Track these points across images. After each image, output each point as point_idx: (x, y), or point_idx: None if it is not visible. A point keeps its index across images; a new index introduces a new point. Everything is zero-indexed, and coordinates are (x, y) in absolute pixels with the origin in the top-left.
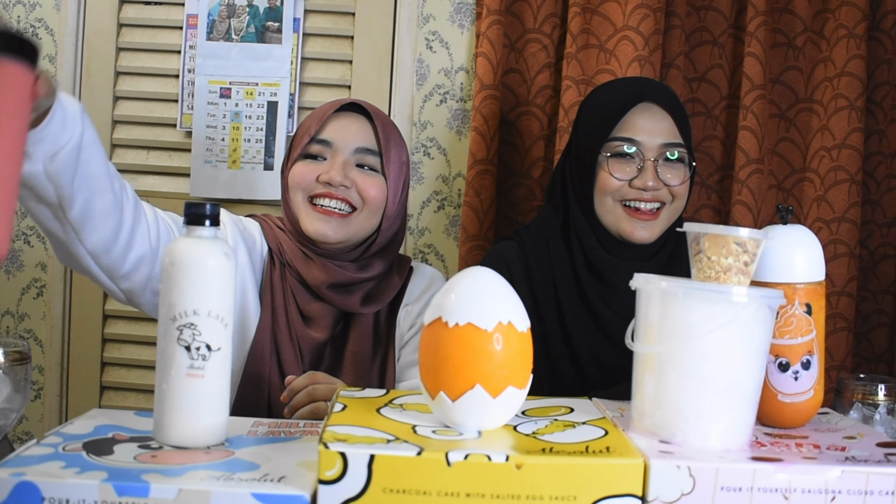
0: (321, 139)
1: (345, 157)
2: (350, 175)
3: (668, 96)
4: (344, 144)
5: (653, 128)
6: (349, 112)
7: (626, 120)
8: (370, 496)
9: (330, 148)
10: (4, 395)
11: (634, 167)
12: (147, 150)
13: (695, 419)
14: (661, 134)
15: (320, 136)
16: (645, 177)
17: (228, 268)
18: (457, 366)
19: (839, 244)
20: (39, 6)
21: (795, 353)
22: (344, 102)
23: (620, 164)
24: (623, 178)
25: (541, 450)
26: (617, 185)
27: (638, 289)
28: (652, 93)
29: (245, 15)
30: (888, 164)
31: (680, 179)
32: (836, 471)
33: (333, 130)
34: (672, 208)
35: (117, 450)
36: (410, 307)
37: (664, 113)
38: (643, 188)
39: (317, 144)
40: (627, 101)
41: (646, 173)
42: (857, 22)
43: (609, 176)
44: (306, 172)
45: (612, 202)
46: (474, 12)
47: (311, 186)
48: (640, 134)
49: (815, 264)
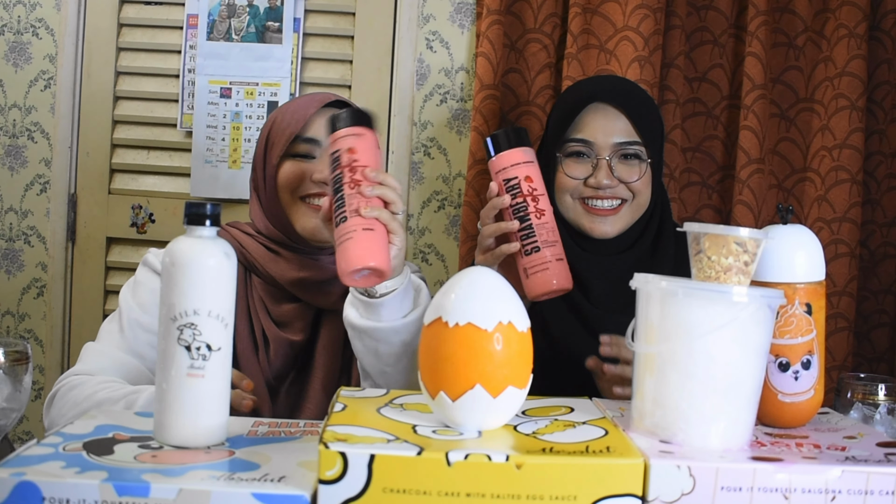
0: (308, 138)
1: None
2: None
3: (623, 95)
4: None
5: (606, 127)
6: (332, 109)
7: (579, 120)
8: (370, 496)
9: (318, 146)
10: (4, 395)
11: (589, 166)
12: (147, 150)
13: (695, 419)
14: (615, 133)
15: (307, 134)
16: (599, 175)
17: (228, 268)
18: (457, 366)
19: (840, 244)
20: (39, 6)
21: (796, 353)
22: (328, 100)
23: (575, 163)
24: (577, 177)
25: (541, 450)
26: (573, 184)
27: (638, 289)
28: (604, 93)
29: (245, 15)
30: (889, 164)
31: (637, 175)
32: (836, 471)
33: (319, 128)
34: (635, 204)
35: (117, 450)
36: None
37: (617, 112)
38: (597, 186)
39: (304, 143)
40: (578, 102)
41: (599, 171)
42: (858, 22)
43: (564, 175)
44: (298, 172)
45: (572, 200)
46: (474, 12)
47: (305, 186)
48: (592, 133)
49: (815, 264)
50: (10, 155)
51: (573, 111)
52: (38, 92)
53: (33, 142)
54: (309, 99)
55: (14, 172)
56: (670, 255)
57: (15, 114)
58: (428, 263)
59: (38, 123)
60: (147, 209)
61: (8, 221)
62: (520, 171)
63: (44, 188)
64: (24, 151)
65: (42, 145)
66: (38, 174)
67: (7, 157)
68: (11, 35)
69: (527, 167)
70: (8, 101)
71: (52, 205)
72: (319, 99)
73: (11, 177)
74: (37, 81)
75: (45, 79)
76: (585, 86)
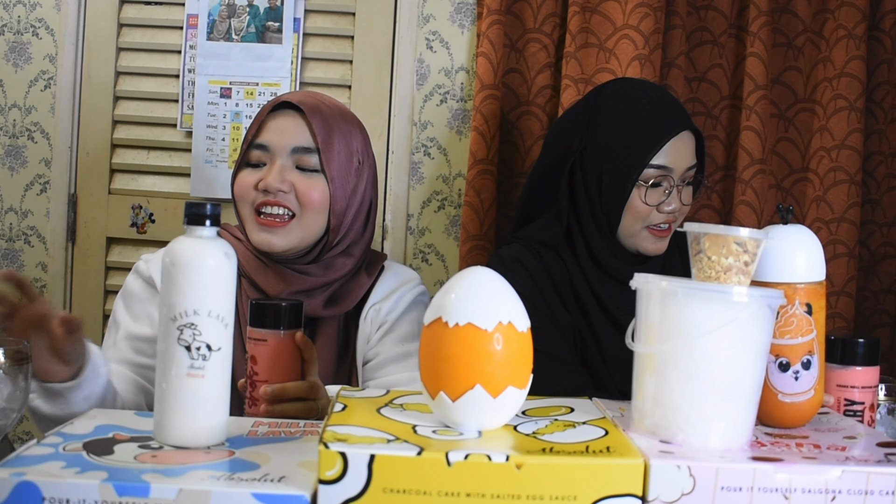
0: (258, 143)
1: (282, 160)
2: (288, 178)
3: (689, 117)
4: (280, 147)
5: (685, 153)
6: (285, 111)
7: (668, 147)
8: (370, 496)
9: (268, 152)
10: (4, 395)
11: (663, 192)
12: (147, 150)
13: (695, 419)
14: (688, 158)
15: (258, 140)
16: (672, 201)
17: (228, 268)
18: (457, 366)
19: (839, 244)
20: (39, 6)
21: (796, 353)
22: (277, 101)
23: (656, 192)
24: (653, 204)
25: (541, 450)
26: (648, 211)
27: (638, 289)
28: (685, 117)
29: (245, 15)
30: (888, 164)
31: (690, 198)
32: (836, 471)
33: (269, 133)
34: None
35: (117, 450)
36: (379, 305)
37: (692, 137)
38: (670, 212)
39: (255, 150)
40: (668, 131)
41: (673, 198)
42: (857, 22)
43: (642, 203)
44: (247, 182)
45: (640, 227)
46: (474, 12)
47: (254, 196)
48: (673, 161)
49: (815, 264)
50: (10, 155)
51: (661, 138)
52: (38, 92)
53: (33, 142)
54: (268, 104)
55: (14, 172)
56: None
57: (15, 114)
58: (428, 263)
59: (38, 123)
60: (147, 209)
61: (8, 221)
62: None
63: (44, 188)
64: (24, 151)
65: (42, 145)
66: (38, 174)
67: (7, 157)
68: (11, 35)
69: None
70: (8, 101)
71: (52, 205)
72: (274, 101)
73: (11, 177)
74: (37, 81)
75: (45, 79)
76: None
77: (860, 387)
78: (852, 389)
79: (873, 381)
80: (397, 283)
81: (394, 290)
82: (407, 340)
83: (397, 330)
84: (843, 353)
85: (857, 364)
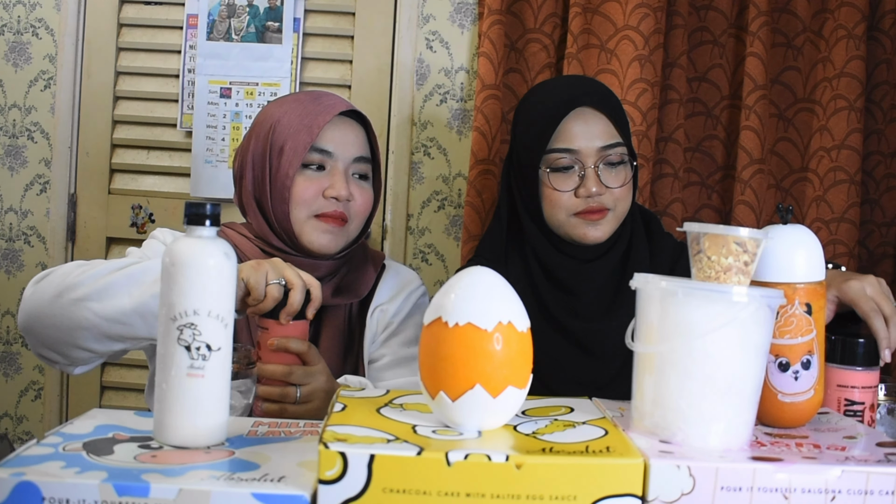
0: (321, 148)
1: (344, 167)
2: (350, 188)
3: (601, 95)
4: (344, 155)
5: (589, 132)
6: (345, 118)
7: (562, 128)
8: (370, 496)
9: (330, 158)
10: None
11: (576, 176)
12: (147, 150)
13: (695, 419)
14: (598, 137)
15: (319, 144)
16: (588, 185)
17: (228, 268)
18: (457, 366)
19: (838, 244)
20: (39, 6)
21: (795, 353)
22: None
23: (562, 177)
24: (566, 190)
25: (541, 450)
26: (564, 200)
27: (638, 289)
28: (584, 96)
29: (245, 15)
30: (887, 164)
31: (621, 181)
32: (836, 471)
33: (332, 139)
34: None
35: (117, 450)
36: (385, 307)
37: (599, 114)
38: (588, 196)
39: (317, 154)
40: (560, 108)
41: (588, 181)
42: (857, 22)
43: (553, 191)
44: (311, 188)
45: (565, 216)
46: (474, 12)
47: (321, 203)
48: (577, 141)
49: (815, 264)
50: (10, 155)
51: (554, 119)
52: (38, 92)
53: (33, 142)
54: (314, 104)
55: (14, 172)
56: (645, 256)
57: (15, 114)
58: (428, 263)
59: (38, 123)
60: (147, 209)
61: (8, 221)
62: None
63: (44, 188)
64: (24, 151)
65: (42, 145)
66: (37, 174)
67: (7, 157)
68: (11, 35)
69: None
70: (8, 101)
71: (52, 205)
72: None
73: (11, 177)
74: (37, 81)
75: (45, 79)
76: (562, 90)
77: (860, 387)
78: (852, 389)
79: (873, 381)
80: (401, 284)
81: (399, 292)
82: (412, 344)
83: (403, 333)
84: (843, 353)
85: (857, 364)
